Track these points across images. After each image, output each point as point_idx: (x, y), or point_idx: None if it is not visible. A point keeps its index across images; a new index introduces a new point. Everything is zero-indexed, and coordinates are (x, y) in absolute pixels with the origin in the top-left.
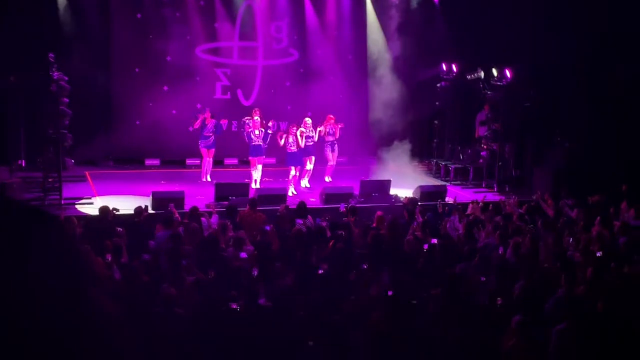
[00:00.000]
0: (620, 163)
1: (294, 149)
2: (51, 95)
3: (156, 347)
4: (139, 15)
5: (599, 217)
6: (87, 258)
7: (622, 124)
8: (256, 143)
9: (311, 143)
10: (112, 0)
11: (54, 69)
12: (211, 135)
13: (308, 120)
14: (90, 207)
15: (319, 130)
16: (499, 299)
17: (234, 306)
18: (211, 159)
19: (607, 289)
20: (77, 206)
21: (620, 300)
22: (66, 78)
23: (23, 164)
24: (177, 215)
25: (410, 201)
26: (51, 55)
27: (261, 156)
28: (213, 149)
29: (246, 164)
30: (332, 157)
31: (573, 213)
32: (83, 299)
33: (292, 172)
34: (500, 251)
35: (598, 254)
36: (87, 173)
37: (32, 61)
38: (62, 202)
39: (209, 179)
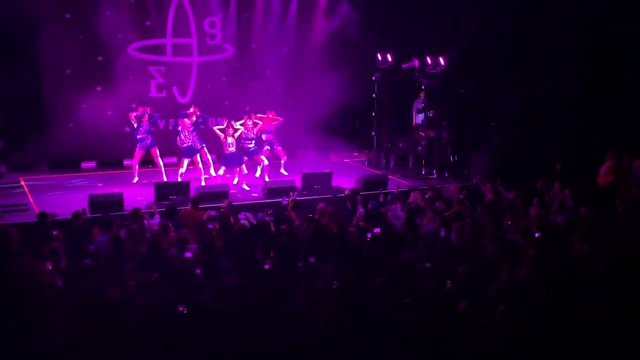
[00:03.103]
0: (553, 144)
1: (232, 149)
2: None
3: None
4: (67, 15)
5: (536, 199)
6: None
7: (553, 101)
8: (187, 145)
9: (252, 146)
10: (41, 1)
11: None
12: (146, 136)
13: (249, 122)
14: (27, 214)
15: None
16: (448, 282)
17: (181, 309)
18: (159, 159)
19: (548, 269)
20: (12, 213)
21: (562, 279)
22: None
23: None
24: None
25: (352, 192)
26: None
27: (195, 156)
28: (155, 147)
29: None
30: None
31: (510, 195)
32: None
33: (220, 172)
34: (443, 234)
35: (536, 235)
36: (21, 179)
37: None
38: None
39: (165, 178)
